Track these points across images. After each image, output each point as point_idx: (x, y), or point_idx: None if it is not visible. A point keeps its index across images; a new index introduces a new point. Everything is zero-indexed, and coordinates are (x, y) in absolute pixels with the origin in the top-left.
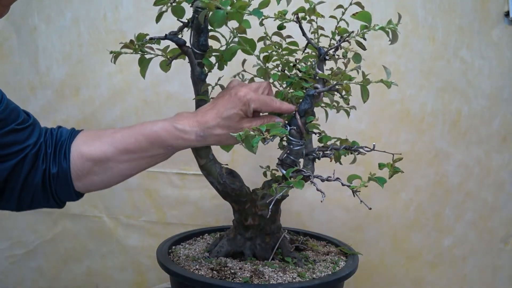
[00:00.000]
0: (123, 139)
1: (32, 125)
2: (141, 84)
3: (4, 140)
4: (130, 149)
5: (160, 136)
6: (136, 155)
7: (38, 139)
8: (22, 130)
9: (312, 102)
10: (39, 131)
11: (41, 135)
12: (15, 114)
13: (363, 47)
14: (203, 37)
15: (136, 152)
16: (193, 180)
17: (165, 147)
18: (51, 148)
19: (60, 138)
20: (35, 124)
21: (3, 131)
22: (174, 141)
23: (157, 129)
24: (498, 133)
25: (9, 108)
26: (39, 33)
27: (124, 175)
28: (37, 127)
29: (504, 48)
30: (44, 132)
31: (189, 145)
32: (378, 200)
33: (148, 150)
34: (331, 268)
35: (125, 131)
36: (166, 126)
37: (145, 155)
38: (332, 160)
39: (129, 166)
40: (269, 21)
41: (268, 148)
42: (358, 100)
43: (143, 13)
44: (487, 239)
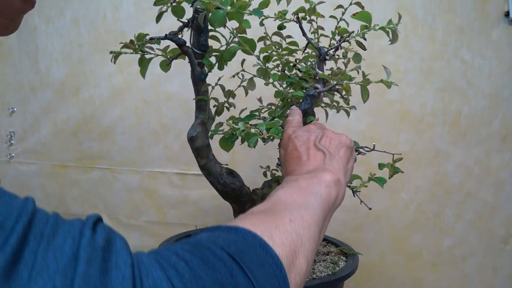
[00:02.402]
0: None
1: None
2: (141, 84)
3: None
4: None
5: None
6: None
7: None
8: None
9: (312, 102)
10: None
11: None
12: None
13: (363, 47)
14: (203, 37)
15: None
16: (193, 180)
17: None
18: None
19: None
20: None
21: None
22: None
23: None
24: (498, 133)
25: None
26: (39, 33)
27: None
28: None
29: (504, 48)
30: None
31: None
32: (378, 200)
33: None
34: (331, 268)
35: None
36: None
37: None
38: None
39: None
40: (269, 21)
41: (268, 148)
42: (358, 100)
43: (143, 13)
44: (487, 239)
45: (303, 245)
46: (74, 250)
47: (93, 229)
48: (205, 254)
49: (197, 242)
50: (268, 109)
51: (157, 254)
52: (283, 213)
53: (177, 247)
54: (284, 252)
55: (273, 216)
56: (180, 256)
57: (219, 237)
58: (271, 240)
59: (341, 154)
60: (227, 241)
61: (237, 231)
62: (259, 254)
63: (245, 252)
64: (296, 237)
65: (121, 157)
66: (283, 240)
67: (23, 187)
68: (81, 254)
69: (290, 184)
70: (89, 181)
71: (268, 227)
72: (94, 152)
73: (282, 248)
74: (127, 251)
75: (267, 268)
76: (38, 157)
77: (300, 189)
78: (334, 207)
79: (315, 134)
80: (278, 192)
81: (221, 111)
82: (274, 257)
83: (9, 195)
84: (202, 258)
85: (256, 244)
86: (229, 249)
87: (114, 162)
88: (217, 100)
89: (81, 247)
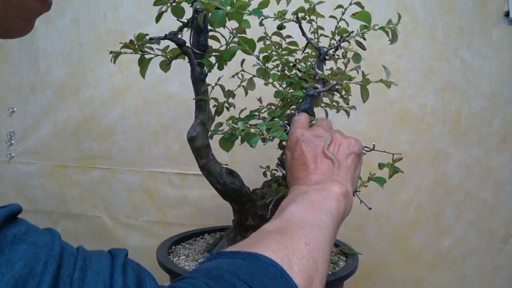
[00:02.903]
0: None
1: None
2: (141, 84)
3: None
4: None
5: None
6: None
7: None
8: None
9: (312, 102)
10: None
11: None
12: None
13: (363, 47)
14: (203, 37)
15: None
16: (193, 180)
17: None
18: None
19: None
20: None
21: None
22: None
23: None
24: (498, 133)
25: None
26: (39, 33)
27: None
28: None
29: (504, 48)
30: None
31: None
32: (378, 200)
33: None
34: (331, 268)
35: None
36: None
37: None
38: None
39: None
40: (269, 21)
41: (268, 148)
42: (358, 100)
43: (143, 13)
44: (487, 239)
45: (318, 269)
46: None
47: (123, 272)
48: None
49: (219, 275)
50: (268, 109)
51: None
52: (298, 235)
53: (201, 283)
54: (302, 281)
55: (289, 239)
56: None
57: (241, 268)
58: (290, 269)
59: (349, 162)
60: (249, 274)
61: (258, 260)
62: (281, 286)
63: (268, 285)
64: (312, 262)
65: (121, 157)
66: (301, 267)
67: (23, 187)
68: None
69: (301, 198)
70: (89, 181)
71: (287, 253)
72: (94, 152)
73: (300, 277)
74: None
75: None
76: (38, 157)
77: (311, 205)
78: (342, 219)
79: (323, 140)
80: (290, 208)
81: (221, 111)
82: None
83: (34, 232)
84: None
85: (278, 275)
86: (252, 283)
87: (114, 162)
88: (217, 100)
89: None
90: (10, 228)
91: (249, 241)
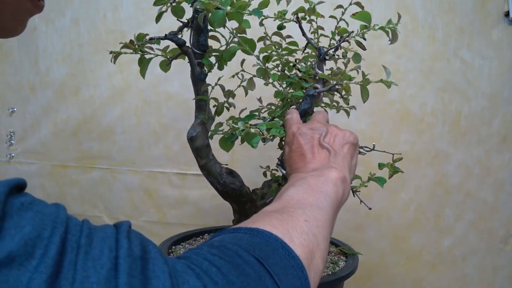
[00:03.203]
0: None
1: None
2: (141, 84)
3: None
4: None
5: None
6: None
7: None
8: None
9: (312, 102)
10: None
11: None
12: None
13: (363, 47)
14: (203, 37)
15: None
16: (193, 180)
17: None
18: None
19: None
20: None
21: None
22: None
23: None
24: (498, 133)
25: None
26: (39, 33)
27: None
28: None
29: (504, 48)
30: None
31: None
32: (378, 200)
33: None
34: (331, 268)
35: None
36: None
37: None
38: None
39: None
40: (269, 21)
41: (268, 148)
42: (358, 100)
43: (143, 13)
44: (487, 239)
45: (319, 245)
46: (113, 261)
47: (128, 237)
48: (234, 258)
49: (222, 245)
50: (268, 109)
51: (188, 260)
52: (298, 213)
53: (204, 251)
54: (303, 254)
55: (289, 217)
56: (211, 262)
57: (243, 240)
58: (291, 242)
59: (345, 151)
60: (251, 244)
61: (259, 234)
62: (282, 257)
63: (270, 256)
64: (313, 237)
65: (121, 157)
66: (301, 241)
67: None
68: (121, 264)
69: (300, 183)
70: (89, 181)
71: (287, 228)
72: (94, 152)
73: (301, 249)
74: (162, 258)
75: (290, 270)
76: (38, 157)
77: (310, 188)
78: (341, 205)
79: (319, 132)
80: (288, 191)
81: (221, 111)
82: (296, 259)
83: (40, 203)
84: (232, 263)
85: (279, 246)
86: (254, 252)
87: (114, 162)
88: (217, 100)
89: (120, 258)
90: (17, 197)
91: (249, 220)
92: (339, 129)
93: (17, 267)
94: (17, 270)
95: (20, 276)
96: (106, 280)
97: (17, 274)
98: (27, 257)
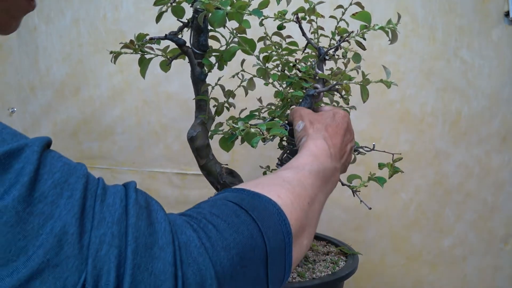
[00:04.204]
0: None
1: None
2: (141, 84)
3: None
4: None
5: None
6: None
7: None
8: None
9: (312, 102)
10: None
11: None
12: None
13: (363, 47)
14: (203, 37)
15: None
16: (193, 180)
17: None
18: None
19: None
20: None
21: None
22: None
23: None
24: (498, 133)
25: None
26: (39, 33)
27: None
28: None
29: (504, 48)
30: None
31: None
32: (378, 200)
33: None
34: (331, 268)
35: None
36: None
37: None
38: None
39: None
40: (269, 21)
41: (268, 148)
42: (358, 100)
43: (143, 13)
44: (487, 239)
45: (310, 226)
46: (123, 207)
47: (135, 192)
48: (231, 218)
49: (224, 204)
50: (268, 109)
51: (188, 217)
52: (307, 194)
53: (205, 211)
54: (295, 226)
55: (298, 193)
56: (208, 220)
57: (244, 200)
58: (289, 214)
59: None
60: (251, 205)
61: (260, 198)
62: (276, 222)
63: (266, 219)
64: (308, 218)
65: (121, 157)
66: (297, 216)
67: None
68: (130, 210)
69: (316, 164)
70: None
71: (292, 201)
72: (94, 152)
73: (295, 221)
74: (163, 210)
75: (280, 236)
76: None
77: (322, 175)
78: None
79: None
80: (305, 168)
81: (221, 111)
82: (288, 226)
83: (66, 159)
84: (228, 222)
85: (275, 213)
86: (252, 212)
87: (114, 162)
88: (217, 100)
89: (129, 205)
90: (49, 151)
91: (262, 181)
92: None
93: (50, 203)
94: (51, 206)
95: (53, 211)
96: (118, 221)
97: (50, 208)
98: (57, 197)
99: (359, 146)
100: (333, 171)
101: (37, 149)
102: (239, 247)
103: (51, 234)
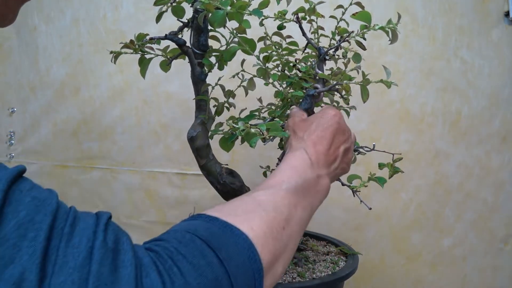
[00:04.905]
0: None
1: None
2: (141, 84)
3: None
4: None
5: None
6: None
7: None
8: None
9: (312, 102)
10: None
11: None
12: None
13: (363, 47)
14: (203, 37)
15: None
16: (193, 180)
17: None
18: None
19: None
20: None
21: None
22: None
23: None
24: (498, 133)
25: None
26: (39, 33)
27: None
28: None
29: (504, 48)
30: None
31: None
32: (378, 200)
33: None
34: (331, 268)
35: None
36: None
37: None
38: None
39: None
40: (269, 21)
41: (268, 148)
42: (358, 100)
43: (143, 13)
44: (487, 239)
45: (285, 252)
46: (88, 250)
47: (105, 230)
48: (198, 259)
49: (192, 241)
50: (268, 109)
51: (155, 255)
52: (281, 218)
53: (172, 249)
54: (267, 258)
55: (272, 220)
56: (174, 261)
57: (214, 236)
58: (261, 246)
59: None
60: (220, 243)
61: (232, 232)
62: (245, 260)
63: (234, 258)
64: (283, 246)
65: (121, 157)
66: (270, 248)
67: None
68: (95, 254)
69: (296, 181)
70: (89, 181)
71: (264, 231)
72: (94, 152)
73: (267, 255)
74: (132, 251)
75: (249, 274)
76: (38, 157)
77: (296, 191)
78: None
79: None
80: (284, 186)
81: (221, 111)
82: (258, 263)
83: (37, 189)
84: (193, 265)
85: (246, 248)
86: (220, 253)
87: (114, 162)
88: (217, 100)
89: (95, 248)
90: (18, 184)
91: (236, 207)
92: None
93: (11, 246)
94: (12, 249)
95: (14, 254)
96: (81, 267)
97: (12, 252)
98: (20, 239)
99: (359, 146)
100: (315, 180)
101: (2, 187)
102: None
103: (9, 281)
